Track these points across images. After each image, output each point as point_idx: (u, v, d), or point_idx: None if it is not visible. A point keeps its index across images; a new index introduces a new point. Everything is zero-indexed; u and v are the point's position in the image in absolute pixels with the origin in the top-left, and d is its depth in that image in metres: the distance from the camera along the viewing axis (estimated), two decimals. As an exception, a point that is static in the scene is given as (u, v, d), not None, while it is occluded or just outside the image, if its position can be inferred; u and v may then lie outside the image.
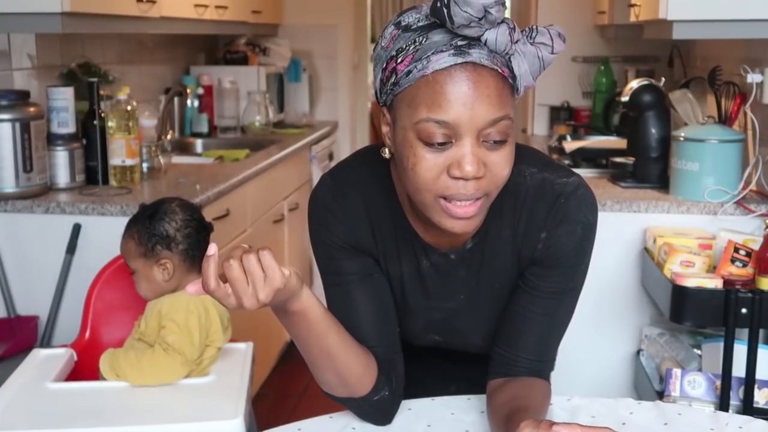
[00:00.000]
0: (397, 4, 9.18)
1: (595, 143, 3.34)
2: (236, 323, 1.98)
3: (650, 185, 2.62)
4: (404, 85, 1.08)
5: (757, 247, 2.10)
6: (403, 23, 1.11)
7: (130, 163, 2.63)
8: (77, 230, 2.33)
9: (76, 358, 1.93)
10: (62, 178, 2.55)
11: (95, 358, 1.83)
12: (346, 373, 1.22)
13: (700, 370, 2.22)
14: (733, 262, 2.09)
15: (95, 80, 2.66)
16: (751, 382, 2.04)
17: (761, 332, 2.07)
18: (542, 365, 1.29)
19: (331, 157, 4.60)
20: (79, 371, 1.91)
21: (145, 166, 2.83)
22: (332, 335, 1.19)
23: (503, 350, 1.29)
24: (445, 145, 1.07)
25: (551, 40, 1.10)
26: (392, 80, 1.10)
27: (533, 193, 1.23)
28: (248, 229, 3.08)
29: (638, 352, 2.49)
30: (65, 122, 2.55)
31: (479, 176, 1.08)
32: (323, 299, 1.24)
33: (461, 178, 1.07)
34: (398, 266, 1.29)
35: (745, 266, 2.08)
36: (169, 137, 3.47)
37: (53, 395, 1.70)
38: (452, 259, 1.28)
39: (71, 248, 2.33)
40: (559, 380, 1.35)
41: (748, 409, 2.03)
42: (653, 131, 2.63)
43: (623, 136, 3.20)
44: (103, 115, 2.65)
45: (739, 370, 2.05)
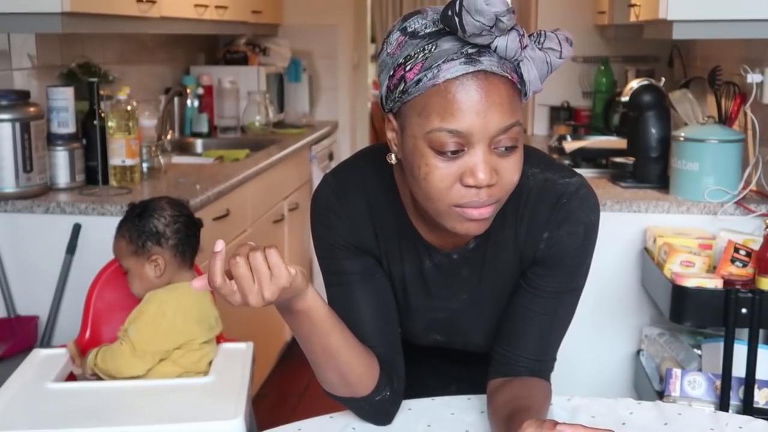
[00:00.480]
0: (397, 4, 9.17)
1: (595, 143, 3.34)
2: (236, 323, 1.98)
3: (650, 185, 2.62)
4: (414, 93, 1.07)
5: (757, 247, 2.10)
6: (409, 29, 1.09)
7: (130, 163, 2.63)
8: (77, 230, 2.33)
9: (76, 358, 1.93)
10: (62, 178, 2.55)
11: (95, 358, 1.85)
12: (348, 372, 1.22)
13: (700, 370, 2.22)
14: (733, 262, 2.09)
15: (95, 80, 2.66)
16: (751, 382, 2.04)
17: (761, 332, 2.07)
18: (543, 365, 1.29)
19: (331, 157, 4.60)
20: (79, 371, 1.91)
21: (145, 166, 2.83)
22: (335, 335, 1.19)
23: (504, 350, 1.29)
24: (457, 153, 1.06)
25: (560, 45, 1.09)
26: (401, 88, 1.08)
27: (536, 193, 1.23)
28: (248, 229, 3.08)
29: (638, 352, 2.49)
30: (65, 122, 2.55)
31: (492, 183, 1.07)
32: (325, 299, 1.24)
33: (474, 186, 1.07)
34: (400, 266, 1.29)
35: (745, 266, 2.08)
36: (169, 137, 3.47)
37: (53, 395, 1.70)
38: (454, 259, 1.28)
39: (71, 248, 2.33)
40: (559, 380, 1.35)
41: (748, 409, 2.03)
42: (653, 131, 2.63)
43: (623, 136, 3.20)
44: (103, 115, 2.64)
45: (739, 370, 2.05)
